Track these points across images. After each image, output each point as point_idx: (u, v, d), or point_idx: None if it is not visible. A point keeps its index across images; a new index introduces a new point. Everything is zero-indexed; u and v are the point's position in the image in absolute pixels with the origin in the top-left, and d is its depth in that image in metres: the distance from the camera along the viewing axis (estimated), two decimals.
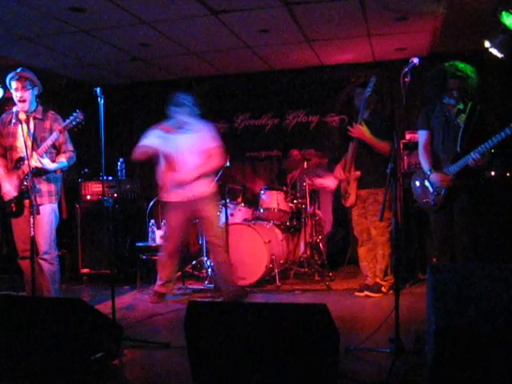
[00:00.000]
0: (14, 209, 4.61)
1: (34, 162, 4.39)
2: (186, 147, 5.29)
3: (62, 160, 4.69)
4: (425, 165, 4.62)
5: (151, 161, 5.54)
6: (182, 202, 5.32)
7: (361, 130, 5.24)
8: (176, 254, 5.50)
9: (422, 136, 4.71)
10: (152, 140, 5.35)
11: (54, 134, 4.49)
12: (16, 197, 4.57)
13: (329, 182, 6.73)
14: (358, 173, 5.40)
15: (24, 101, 4.59)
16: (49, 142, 4.49)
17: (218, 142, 5.39)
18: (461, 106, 4.46)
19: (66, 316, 3.18)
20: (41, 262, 4.60)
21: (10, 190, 4.59)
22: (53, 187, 4.72)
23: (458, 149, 4.37)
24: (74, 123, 4.45)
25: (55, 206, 4.76)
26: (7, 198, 4.61)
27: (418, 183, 4.72)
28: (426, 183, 4.57)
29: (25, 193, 4.52)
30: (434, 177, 4.49)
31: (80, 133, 4.79)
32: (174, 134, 5.31)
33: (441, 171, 4.46)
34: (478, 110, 4.41)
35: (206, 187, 5.38)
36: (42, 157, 4.46)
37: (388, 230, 5.29)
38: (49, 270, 4.64)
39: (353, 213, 5.61)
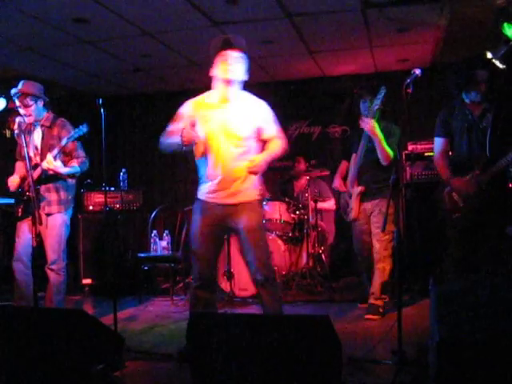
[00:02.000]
0: (19, 213, 4.62)
1: (47, 163, 4.41)
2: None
3: (74, 165, 4.67)
4: (444, 172, 4.27)
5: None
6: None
7: (373, 124, 4.82)
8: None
9: (438, 143, 4.35)
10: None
11: (62, 142, 4.49)
12: (21, 201, 4.60)
13: (327, 205, 6.80)
14: (362, 188, 5.15)
15: (29, 115, 4.62)
16: (58, 147, 4.50)
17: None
18: (486, 105, 4.09)
19: (68, 327, 3.17)
20: (48, 271, 4.61)
21: (16, 181, 4.65)
22: (63, 196, 4.70)
23: (488, 154, 4.00)
24: (76, 136, 4.46)
25: (66, 216, 4.74)
26: (12, 187, 4.66)
27: (448, 195, 4.22)
28: (454, 195, 4.17)
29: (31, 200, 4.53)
30: (456, 183, 4.14)
31: (83, 143, 4.80)
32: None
33: (463, 177, 4.10)
34: (505, 108, 4.05)
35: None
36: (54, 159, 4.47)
37: (391, 244, 4.98)
38: (55, 281, 4.64)
39: (355, 228, 5.32)
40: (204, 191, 3.88)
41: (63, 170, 4.58)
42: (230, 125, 3.78)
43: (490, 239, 4.05)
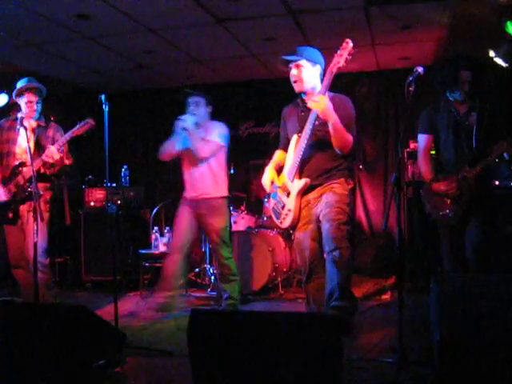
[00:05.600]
0: (10, 215, 4.57)
1: (52, 154, 4.40)
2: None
3: (67, 162, 4.71)
4: (428, 173, 4.18)
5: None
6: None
7: (326, 102, 3.83)
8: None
9: (422, 140, 4.23)
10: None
11: (68, 135, 4.49)
12: (12, 202, 4.54)
13: None
14: (308, 181, 4.02)
15: (34, 112, 4.61)
16: (63, 139, 4.49)
17: None
18: (470, 103, 4.04)
19: (69, 323, 3.18)
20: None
21: (0, 193, 4.56)
22: (48, 195, 4.71)
23: (476, 151, 3.95)
24: (82, 127, 4.45)
25: (48, 214, 4.72)
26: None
27: (432, 195, 4.14)
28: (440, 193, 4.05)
29: (24, 199, 4.50)
30: (440, 186, 4.02)
31: (85, 141, 4.80)
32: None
33: (445, 177, 4.05)
34: (489, 105, 4.02)
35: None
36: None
37: (346, 228, 3.94)
38: (42, 278, 4.58)
39: (296, 232, 4.24)
40: None
41: (66, 160, 4.62)
42: None
43: (478, 234, 3.98)
